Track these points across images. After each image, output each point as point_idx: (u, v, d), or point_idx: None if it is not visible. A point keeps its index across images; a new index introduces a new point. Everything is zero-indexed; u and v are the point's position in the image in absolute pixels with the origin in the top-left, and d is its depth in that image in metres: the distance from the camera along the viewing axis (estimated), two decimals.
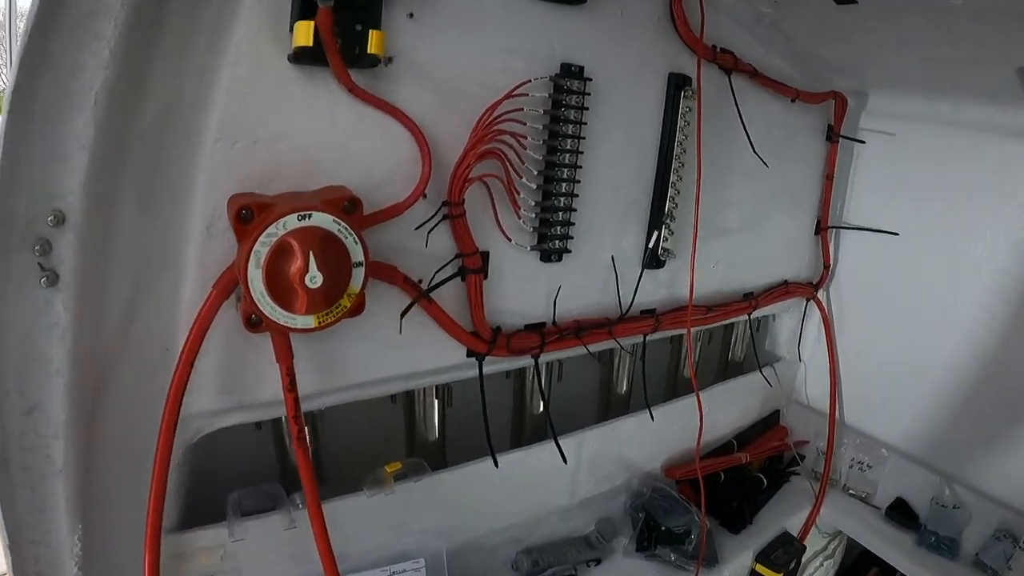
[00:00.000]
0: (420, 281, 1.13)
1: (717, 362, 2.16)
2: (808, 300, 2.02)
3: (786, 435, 2.10)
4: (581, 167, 1.26)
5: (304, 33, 0.89)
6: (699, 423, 1.54)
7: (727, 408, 1.95)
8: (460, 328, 1.21)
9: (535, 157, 1.20)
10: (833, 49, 1.62)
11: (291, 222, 0.86)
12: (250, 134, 0.91)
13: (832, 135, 1.88)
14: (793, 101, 1.69)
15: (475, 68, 1.11)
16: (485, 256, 1.21)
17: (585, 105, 1.22)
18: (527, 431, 1.64)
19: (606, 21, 1.25)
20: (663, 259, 1.49)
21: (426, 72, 1.06)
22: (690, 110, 1.39)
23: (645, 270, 1.49)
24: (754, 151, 1.54)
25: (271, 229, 0.85)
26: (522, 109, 1.14)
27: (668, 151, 1.40)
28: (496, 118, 1.10)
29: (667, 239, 1.47)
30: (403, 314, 1.11)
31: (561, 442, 1.40)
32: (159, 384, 0.91)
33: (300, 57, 0.92)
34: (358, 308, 0.97)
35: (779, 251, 1.91)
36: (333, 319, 0.93)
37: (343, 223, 0.90)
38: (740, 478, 1.89)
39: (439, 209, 1.12)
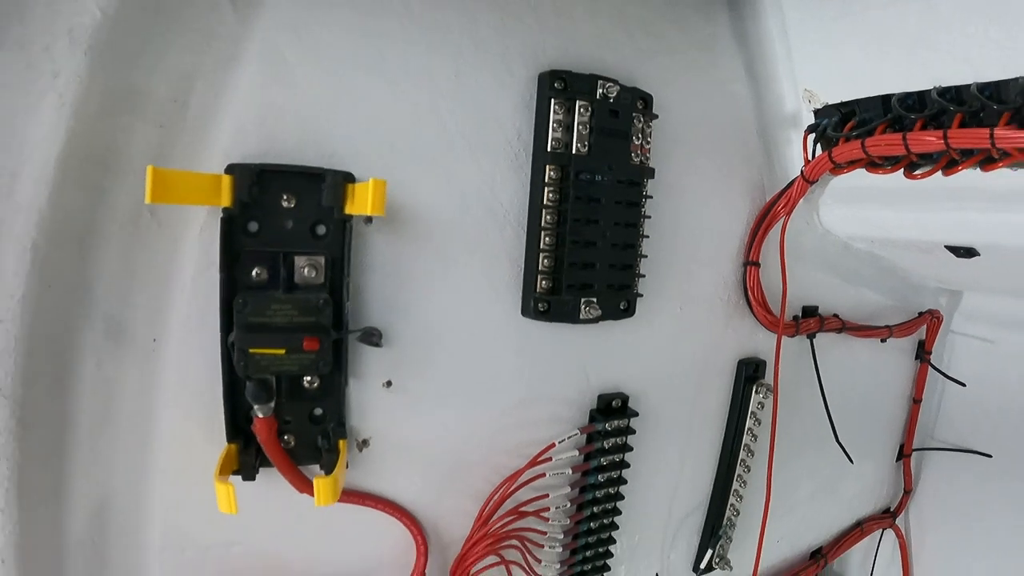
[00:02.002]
0: None
1: None
2: (884, 530, 1.68)
3: None
4: (621, 513, 0.96)
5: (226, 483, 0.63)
6: None
7: None
8: None
9: (562, 522, 0.90)
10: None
11: None
12: (199, 542, 0.72)
13: (923, 355, 1.54)
14: (884, 341, 1.36)
15: (479, 435, 0.82)
16: None
17: (629, 444, 0.92)
18: None
19: (661, 330, 0.95)
20: (717, 567, 1.17)
21: (414, 450, 0.79)
22: (762, 407, 1.08)
23: None
24: (838, 442, 1.22)
25: None
26: (543, 475, 0.84)
27: (732, 459, 1.08)
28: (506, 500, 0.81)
29: (724, 547, 1.15)
30: None
31: None
32: None
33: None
34: None
35: (853, 495, 1.57)
36: None
37: None
38: None
39: None
